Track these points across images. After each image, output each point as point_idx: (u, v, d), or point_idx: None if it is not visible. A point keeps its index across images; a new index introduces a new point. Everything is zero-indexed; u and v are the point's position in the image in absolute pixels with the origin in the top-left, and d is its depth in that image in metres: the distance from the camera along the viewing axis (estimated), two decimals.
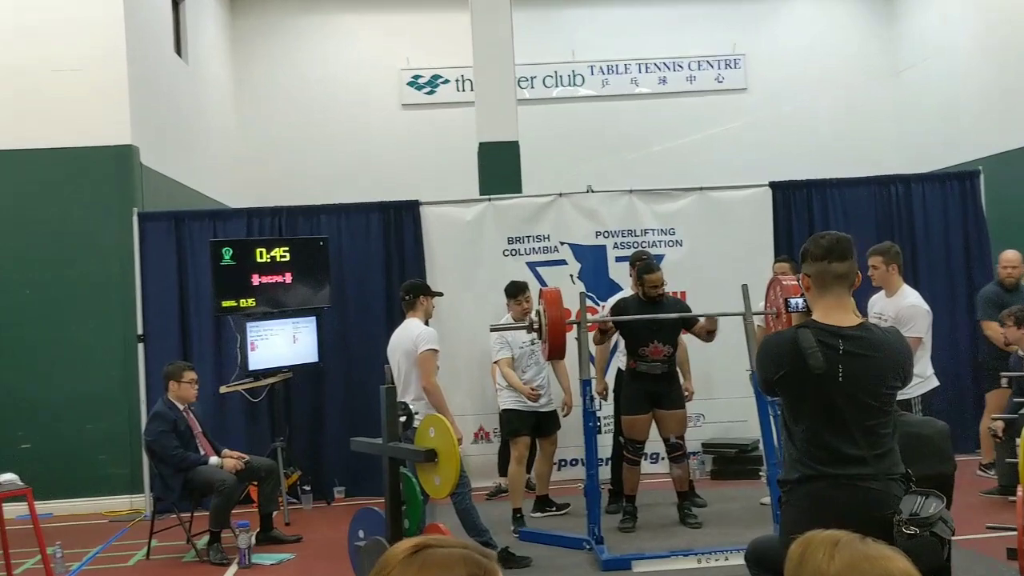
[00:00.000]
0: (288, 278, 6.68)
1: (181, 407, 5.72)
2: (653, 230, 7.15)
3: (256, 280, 6.52)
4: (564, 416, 6.21)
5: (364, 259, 7.09)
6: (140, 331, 6.86)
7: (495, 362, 6.07)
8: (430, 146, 10.62)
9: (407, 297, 5.50)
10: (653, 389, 5.64)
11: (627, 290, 6.35)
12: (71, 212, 6.98)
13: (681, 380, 5.89)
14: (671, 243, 7.16)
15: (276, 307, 6.65)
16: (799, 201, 7.32)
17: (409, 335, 5.30)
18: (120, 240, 6.94)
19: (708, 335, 5.55)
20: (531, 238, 7.10)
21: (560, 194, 7.17)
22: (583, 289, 6.54)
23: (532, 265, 7.07)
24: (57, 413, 6.85)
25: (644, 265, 5.74)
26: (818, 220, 7.19)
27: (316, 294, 6.83)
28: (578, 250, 7.11)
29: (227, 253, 6.41)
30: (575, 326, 5.43)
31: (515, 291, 6.04)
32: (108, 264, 6.96)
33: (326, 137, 10.65)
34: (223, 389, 6.47)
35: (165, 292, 6.94)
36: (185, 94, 8.82)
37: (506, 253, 7.09)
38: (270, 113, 10.74)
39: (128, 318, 6.90)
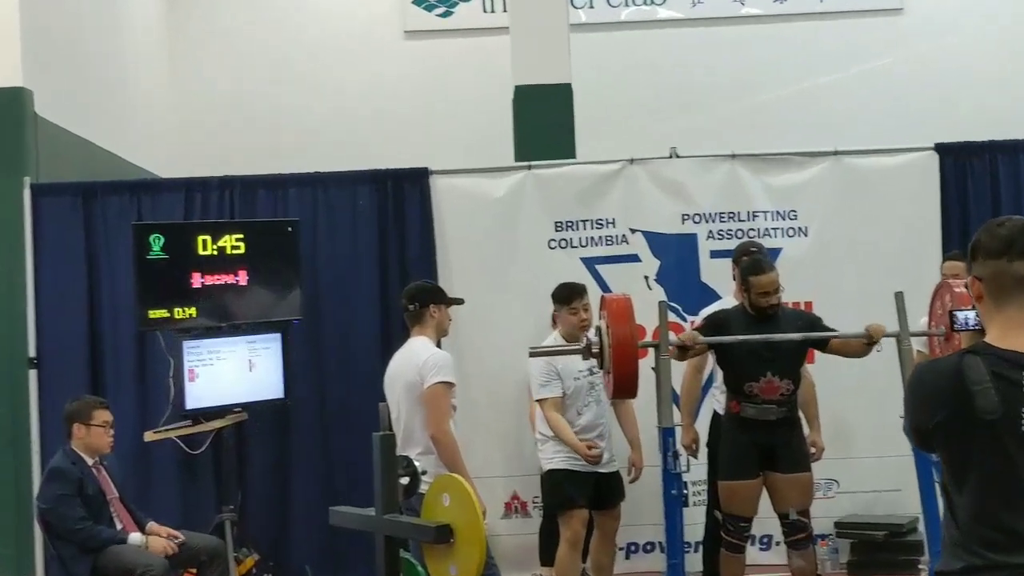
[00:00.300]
0: (242, 278, 6.75)
1: (90, 461, 5.80)
2: (765, 212, 7.14)
3: (197, 281, 6.58)
4: (632, 481, 6.23)
5: (350, 252, 7.17)
6: (31, 352, 6.96)
7: (537, 401, 6.09)
8: (444, 91, 10.67)
9: (411, 307, 5.54)
10: (765, 442, 5.63)
11: (728, 298, 6.32)
12: None
13: (805, 430, 5.86)
14: (791, 231, 7.15)
15: (225, 320, 6.71)
16: (978, 172, 7.27)
17: (413, 361, 5.35)
18: (4, 222, 7.04)
19: (865, 347, 5.50)
20: (589, 223, 7.15)
21: (631, 160, 7.19)
22: (663, 297, 6.57)
23: (590, 262, 7.12)
24: None
25: (751, 263, 5.73)
26: (1006, 200, 7.12)
27: (281, 301, 6.90)
28: (657, 241, 7.13)
29: (156, 242, 6.47)
30: (651, 350, 5.43)
31: (567, 296, 6.07)
32: None
33: (296, 81, 10.73)
34: (149, 436, 6.53)
35: (68, 297, 7.04)
36: (102, 21, 8.94)
37: (553, 244, 7.14)
38: (219, 50, 10.81)
39: (14, 334, 7.00)
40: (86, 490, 5.67)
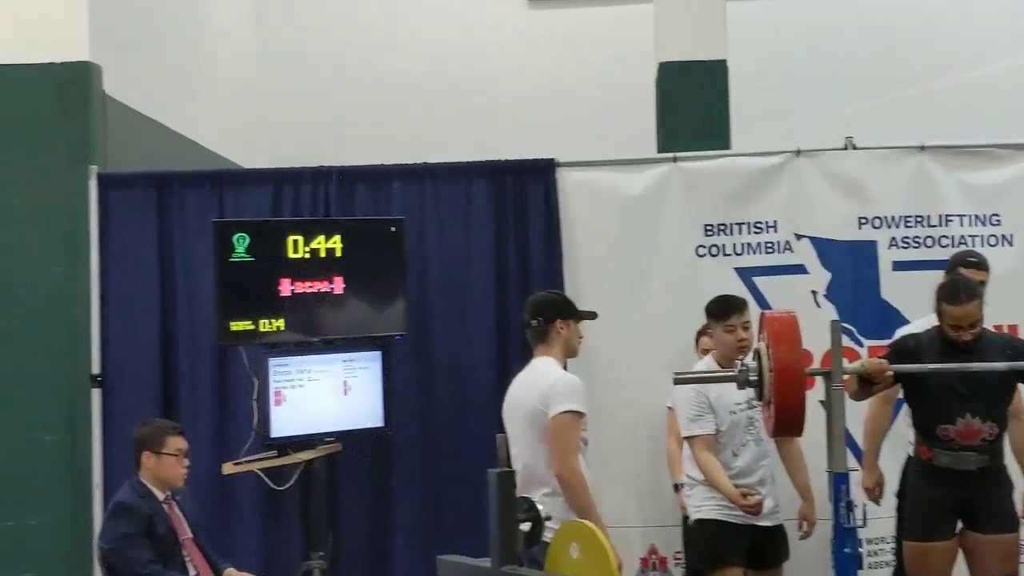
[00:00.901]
0: (338, 285, 6.79)
1: (160, 495, 5.85)
2: (961, 216, 7.01)
3: (286, 288, 6.63)
4: (803, 537, 6.15)
5: (462, 257, 7.22)
6: (95, 368, 7.09)
7: (686, 439, 6.02)
8: (574, 69, 10.66)
9: (535, 322, 5.51)
10: (962, 497, 5.50)
11: (920, 321, 6.12)
12: None
13: (1013, 484, 5.69)
14: (992, 239, 7.00)
15: (317, 334, 6.76)
16: None
17: (536, 386, 5.32)
18: (67, 218, 7.18)
19: None
20: (745, 227, 7.10)
21: (797, 152, 7.12)
22: (834, 316, 6.47)
23: (746, 273, 7.07)
24: None
25: (948, 287, 5.58)
26: None
27: (382, 314, 6.94)
28: (827, 249, 7.06)
29: (241, 243, 6.54)
30: (821, 378, 5.32)
31: (724, 311, 6.02)
32: (44, 257, 7.20)
33: (399, 61, 10.81)
34: (228, 468, 6.58)
35: (138, 305, 7.16)
36: None
37: (702, 251, 7.11)
38: (313, 26, 10.94)
39: (76, 347, 7.13)
40: (155, 529, 5.70)
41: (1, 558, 7.07)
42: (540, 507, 4.03)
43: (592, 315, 5.79)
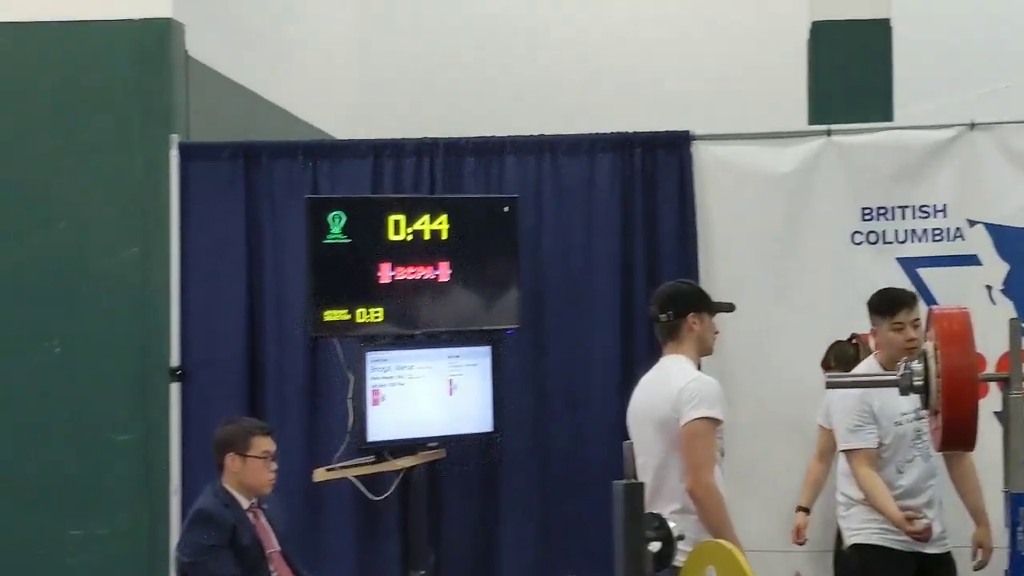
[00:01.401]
0: (444, 272, 6.82)
1: (245, 503, 5.90)
2: None
3: (386, 274, 6.68)
4: (978, 567, 6.10)
5: (583, 242, 7.22)
6: (174, 361, 7.18)
7: (844, 452, 5.97)
8: (712, 29, 10.58)
9: (664, 316, 5.48)
10: None
11: None
12: (51, 138, 7.36)
13: None
14: None
15: (420, 326, 6.81)
16: None
17: (666, 389, 5.30)
18: (144, 193, 7.28)
19: None
20: (909, 211, 7.05)
21: (971, 125, 7.03)
22: (1013, 313, 6.40)
23: (909, 264, 7.02)
24: (14, 509, 7.23)
25: None
26: None
27: (493, 304, 6.97)
28: (1005, 238, 6.99)
29: (336, 222, 6.59)
30: (996, 385, 5.21)
31: (891, 307, 5.97)
32: (118, 237, 7.29)
33: (513, 22, 10.80)
34: (320, 475, 6.64)
35: (222, 291, 7.26)
36: None
37: (858, 238, 7.06)
38: None
39: (153, 337, 7.23)
40: (240, 540, 5.74)
41: (66, 572, 7.19)
42: (671, 525, 4.01)
43: (729, 307, 5.75)
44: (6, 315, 7.24)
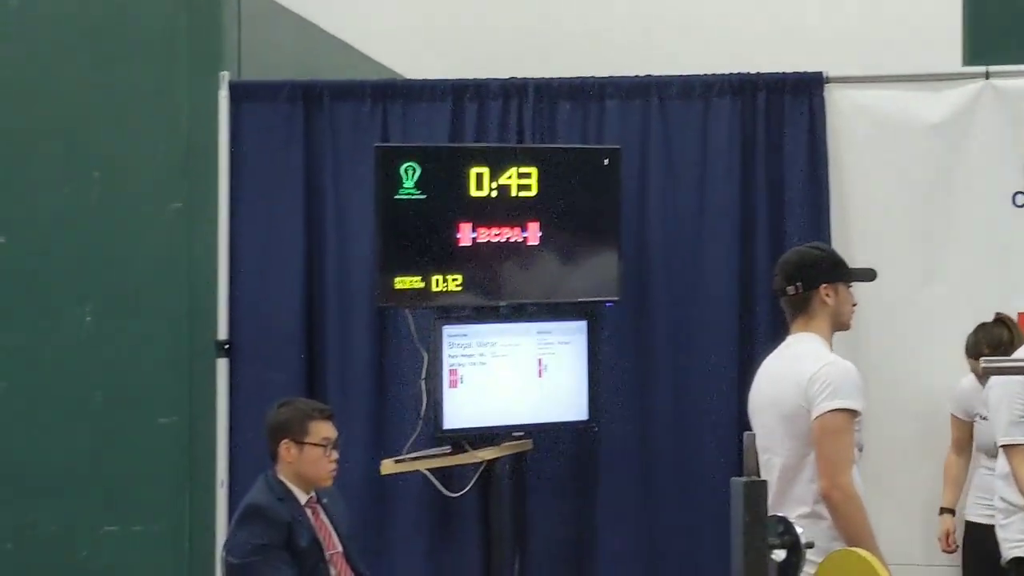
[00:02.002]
0: (533, 234, 6.84)
1: (303, 497, 5.91)
2: None
3: (466, 236, 6.71)
4: None
5: (696, 199, 7.21)
6: (222, 334, 7.23)
7: (1003, 447, 5.92)
8: None
9: (791, 287, 5.37)
10: None
11: None
12: (86, 78, 7.42)
13: None
14: None
15: (505, 297, 6.84)
16: None
17: (796, 374, 5.23)
18: (189, 139, 7.36)
19: None
20: None
21: None
22: None
23: None
24: (40, 503, 7.32)
25: None
26: None
27: (590, 273, 6.96)
28: None
29: (409, 175, 6.61)
30: None
31: None
32: (159, 190, 7.37)
33: None
34: (388, 467, 6.69)
35: (277, 253, 7.31)
36: None
37: (1021, 199, 6.99)
38: None
39: (198, 306, 7.32)
40: (296, 540, 5.73)
41: (99, 574, 7.28)
42: (799, 531, 3.95)
43: (870, 275, 5.63)
44: (31, 278, 7.34)
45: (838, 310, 5.39)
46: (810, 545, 3.99)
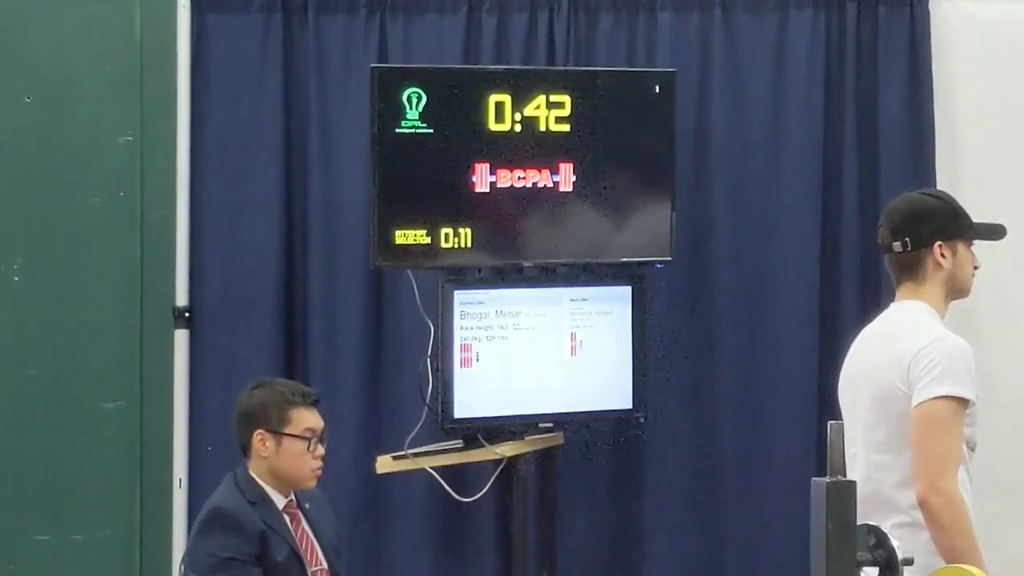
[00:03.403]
0: (566, 179, 6.83)
1: (281, 501, 5.91)
2: None
3: (484, 180, 6.71)
4: None
5: (767, 134, 7.23)
6: (181, 300, 7.23)
7: None
8: None
9: (899, 243, 5.28)
10: None
11: None
12: None
13: None
14: None
15: (531, 256, 6.85)
16: None
17: (895, 350, 5.19)
18: (142, 58, 7.30)
19: None
20: None
21: None
22: None
23: None
24: None
25: None
26: None
27: (637, 227, 6.96)
28: None
29: (413, 103, 6.60)
30: None
31: None
32: (105, 118, 7.32)
33: None
34: (385, 464, 6.72)
35: (248, 201, 7.30)
36: None
37: None
38: None
39: (152, 265, 7.29)
40: (272, 553, 5.70)
41: None
42: (894, 543, 3.91)
43: (998, 231, 5.54)
44: None
45: (955, 273, 5.32)
46: (908, 561, 3.95)
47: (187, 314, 7.17)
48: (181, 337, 7.16)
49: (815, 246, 7.07)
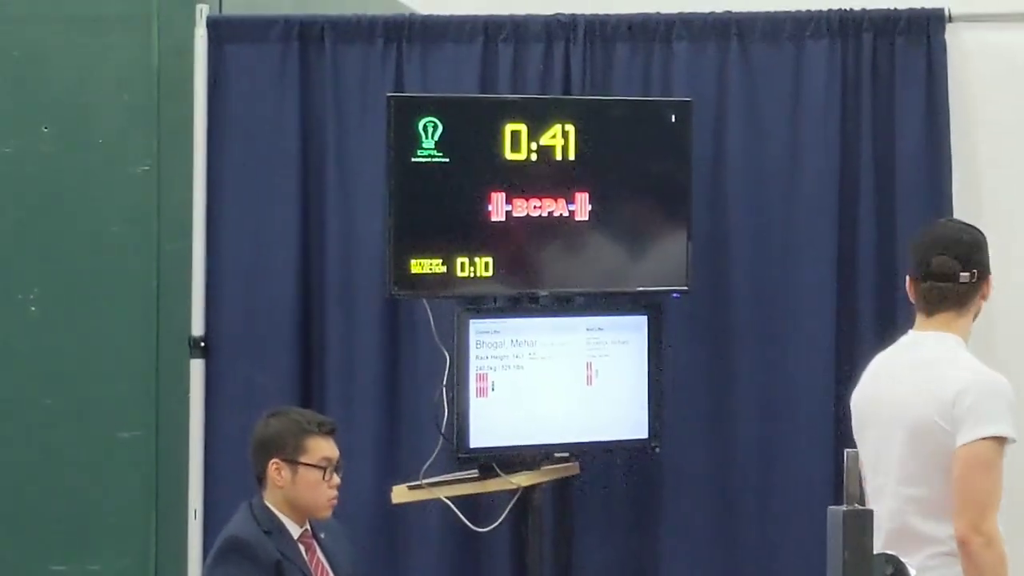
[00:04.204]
0: (581, 208, 6.81)
1: (296, 531, 5.90)
2: None
3: (500, 209, 6.70)
4: None
5: (785, 163, 7.20)
6: (197, 329, 7.22)
7: None
8: None
9: (969, 274, 5.19)
10: None
11: None
12: (41, 7, 7.40)
13: None
14: None
15: (547, 285, 6.84)
16: None
17: (936, 383, 5.15)
18: (160, 86, 7.30)
19: None
20: None
21: None
22: None
23: None
24: None
25: None
26: None
27: (654, 256, 6.95)
28: None
29: (429, 132, 6.58)
30: None
31: None
32: (122, 149, 7.31)
33: None
34: (401, 494, 6.69)
35: (265, 230, 7.30)
36: None
37: None
38: None
39: (169, 295, 7.28)
40: None
41: None
42: (912, 573, 3.92)
43: None
44: None
45: (979, 306, 5.29)
46: None
47: (203, 344, 7.16)
48: (197, 367, 7.15)
49: (832, 274, 7.03)
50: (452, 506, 6.72)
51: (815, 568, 3.73)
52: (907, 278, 5.34)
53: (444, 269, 6.57)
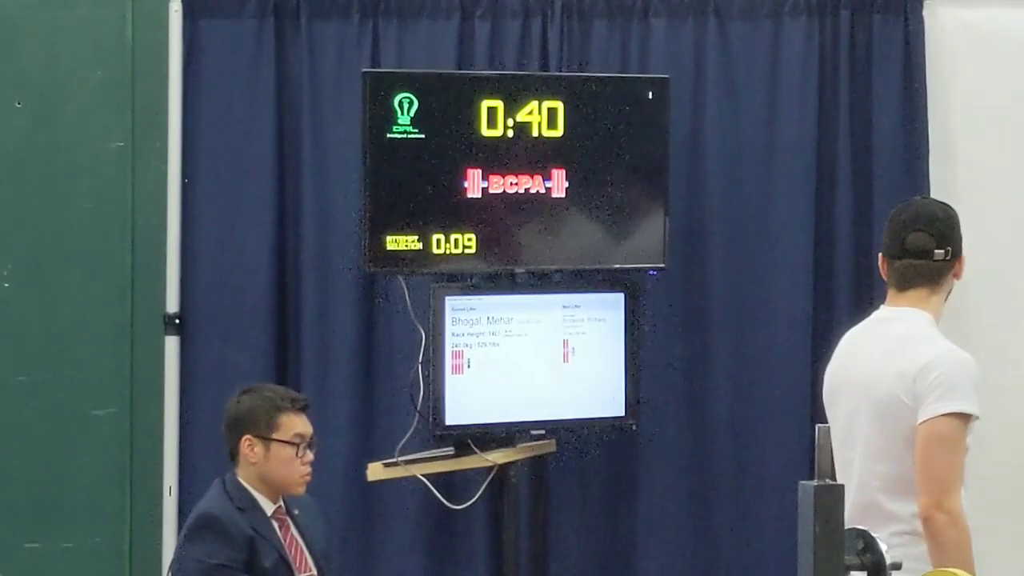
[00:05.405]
0: (558, 184, 6.82)
1: (270, 507, 5.89)
2: None
3: (476, 186, 6.71)
4: None
5: (762, 141, 7.22)
6: (172, 306, 7.22)
7: None
8: None
9: (944, 251, 5.16)
10: None
11: None
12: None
13: None
14: None
15: (523, 263, 6.85)
16: None
17: (903, 358, 5.13)
18: (135, 62, 7.30)
19: None
20: None
21: None
22: None
23: None
24: None
25: None
26: None
27: (630, 233, 6.97)
28: None
29: (405, 108, 6.60)
30: None
31: None
32: (96, 125, 7.32)
33: None
34: (377, 472, 6.70)
35: (239, 206, 7.29)
36: None
37: None
38: None
39: (143, 272, 7.29)
40: (260, 559, 5.70)
41: None
42: (882, 547, 3.91)
43: None
44: None
45: (951, 285, 5.29)
46: (897, 566, 3.93)
47: (178, 320, 7.16)
48: (172, 343, 7.16)
49: (808, 253, 7.07)
50: (428, 483, 6.74)
51: (791, 545, 3.70)
52: (879, 255, 5.32)
53: (420, 246, 6.58)
